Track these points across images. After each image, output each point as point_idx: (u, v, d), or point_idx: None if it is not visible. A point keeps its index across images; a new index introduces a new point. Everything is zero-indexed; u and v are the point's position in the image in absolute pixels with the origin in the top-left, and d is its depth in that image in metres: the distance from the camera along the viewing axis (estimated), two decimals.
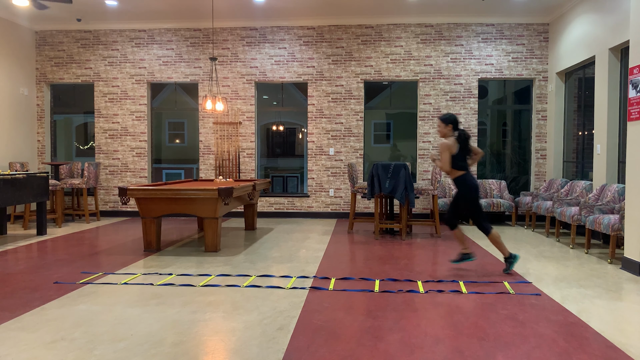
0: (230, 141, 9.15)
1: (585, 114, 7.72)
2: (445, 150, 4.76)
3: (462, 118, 8.84)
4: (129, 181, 9.33)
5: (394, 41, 8.91)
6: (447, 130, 4.88)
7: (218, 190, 5.55)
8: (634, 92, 4.99)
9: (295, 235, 7.14)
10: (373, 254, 5.80)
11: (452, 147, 4.75)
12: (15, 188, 6.60)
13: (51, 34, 9.35)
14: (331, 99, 9.01)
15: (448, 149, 4.75)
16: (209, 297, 3.98)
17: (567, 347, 2.96)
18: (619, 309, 3.74)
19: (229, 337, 3.13)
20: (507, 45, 8.78)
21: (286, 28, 9.05)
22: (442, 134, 4.92)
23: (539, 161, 8.82)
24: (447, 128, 4.88)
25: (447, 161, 4.76)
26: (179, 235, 7.14)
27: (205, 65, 9.16)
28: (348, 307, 3.73)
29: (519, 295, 4.08)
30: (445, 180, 8.77)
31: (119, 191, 5.74)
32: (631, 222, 4.97)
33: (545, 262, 5.38)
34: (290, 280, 4.52)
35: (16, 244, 6.41)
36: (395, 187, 6.77)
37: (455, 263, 5.02)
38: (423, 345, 2.99)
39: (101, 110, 9.32)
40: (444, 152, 4.77)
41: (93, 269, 4.98)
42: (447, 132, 4.88)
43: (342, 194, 9.08)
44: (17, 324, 3.32)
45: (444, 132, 4.90)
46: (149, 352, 2.87)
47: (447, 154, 4.75)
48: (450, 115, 4.92)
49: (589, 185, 6.82)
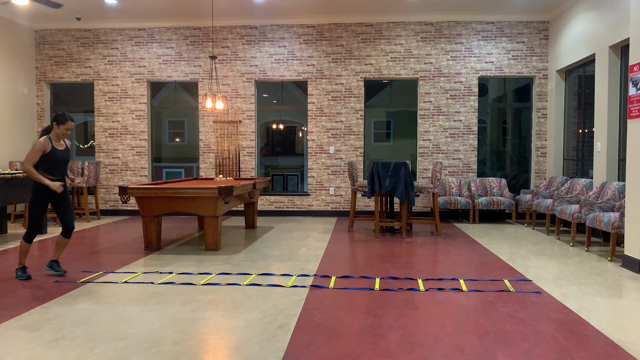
0: (230, 140, 9.15)
1: (586, 112, 7.72)
2: None
3: (462, 116, 8.84)
4: (129, 180, 9.33)
5: (393, 39, 8.90)
6: None
7: (218, 188, 5.55)
8: (634, 89, 4.98)
9: (295, 234, 7.14)
10: (373, 252, 5.80)
11: None
12: (16, 187, 6.60)
13: (51, 33, 9.34)
14: (331, 97, 9.01)
15: None
16: (210, 296, 3.98)
17: (567, 345, 2.96)
18: (619, 306, 3.74)
19: (229, 335, 3.13)
20: (507, 43, 8.77)
21: (286, 26, 9.04)
22: None
23: (539, 159, 8.82)
24: None
25: None
26: (179, 234, 7.14)
27: (205, 64, 9.16)
28: (348, 306, 3.73)
29: (519, 293, 4.08)
30: (446, 179, 8.77)
31: (119, 190, 5.74)
32: (631, 219, 4.97)
33: (545, 260, 5.38)
34: (290, 279, 4.52)
35: (16, 243, 6.41)
36: (395, 185, 6.77)
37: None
38: (423, 343, 3.00)
39: (101, 109, 9.32)
40: None
41: (93, 267, 4.99)
42: None
43: (343, 192, 9.08)
44: (17, 323, 3.33)
45: None
46: (149, 351, 2.87)
47: None
48: None
49: (589, 183, 6.82)
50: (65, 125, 4.50)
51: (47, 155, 4.46)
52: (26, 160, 4.40)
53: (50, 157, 4.47)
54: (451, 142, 8.87)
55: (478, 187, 8.65)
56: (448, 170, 8.90)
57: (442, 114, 8.87)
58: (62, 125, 4.50)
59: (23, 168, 4.38)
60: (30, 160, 4.39)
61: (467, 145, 8.86)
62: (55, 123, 4.51)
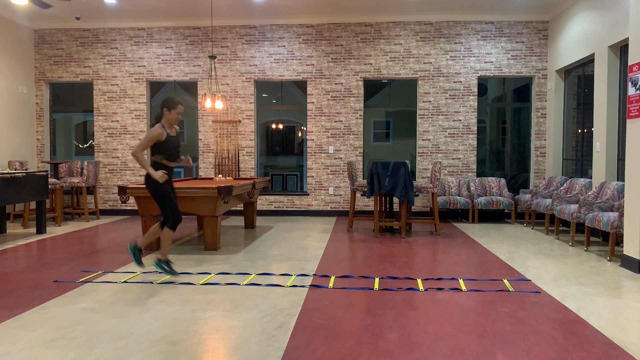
0: (229, 139, 9.15)
1: (585, 112, 7.72)
2: None
3: (462, 116, 8.84)
4: (129, 180, 9.32)
5: (393, 39, 8.90)
6: None
7: (218, 188, 5.55)
8: (634, 89, 4.98)
9: (294, 234, 7.14)
10: (373, 252, 5.80)
11: None
12: (15, 187, 6.60)
13: (50, 32, 9.33)
14: (330, 97, 9.00)
15: None
16: (209, 296, 3.98)
17: (567, 345, 2.97)
18: (619, 306, 3.74)
19: (228, 335, 3.13)
20: (506, 43, 8.77)
21: (285, 26, 9.04)
22: None
23: (539, 159, 8.83)
24: None
25: None
26: (178, 234, 7.13)
27: (204, 64, 9.15)
28: (348, 305, 3.73)
29: (519, 292, 4.08)
30: (445, 179, 8.77)
31: (119, 190, 5.73)
32: (630, 219, 4.97)
33: (544, 260, 5.38)
34: (290, 279, 4.52)
35: (16, 243, 6.40)
36: (394, 185, 6.77)
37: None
38: (423, 343, 3.00)
39: (100, 108, 9.31)
40: None
41: (93, 267, 4.98)
42: None
43: (342, 192, 9.08)
44: (16, 323, 3.32)
45: None
46: (148, 351, 2.87)
47: None
48: None
49: (588, 183, 6.82)
50: (176, 110, 4.45)
51: (163, 143, 4.40)
52: (137, 146, 4.33)
53: (166, 145, 4.42)
54: (450, 142, 8.87)
55: (477, 186, 8.65)
56: (447, 170, 8.90)
57: (442, 113, 8.87)
58: (174, 110, 4.44)
59: (132, 153, 4.31)
60: (141, 147, 4.33)
61: (466, 145, 8.86)
62: (165, 109, 4.44)
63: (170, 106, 4.44)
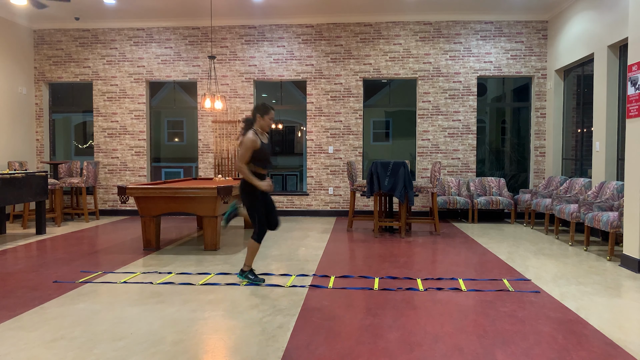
0: (229, 140, 9.14)
1: (584, 112, 7.72)
2: None
3: (461, 116, 8.84)
4: (128, 180, 9.32)
5: (392, 39, 8.90)
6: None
7: (217, 188, 5.55)
8: (633, 89, 4.99)
9: (294, 234, 7.14)
10: (372, 252, 5.80)
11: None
12: (14, 187, 6.59)
13: (49, 32, 9.33)
14: (330, 97, 9.00)
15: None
16: (209, 296, 3.98)
17: (566, 344, 2.97)
18: (618, 306, 3.75)
19: (228, 335, 3.13)
20: (506, 43, 8.77)
21: (285, 26, 9.03)
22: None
23: (538, 159, 8.83)
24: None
25: None
26: (178, 234, 7.13)
27: (204, 64, 9.15)
28: (347, 305, 3.73)
29: (518, 292, 4.08)
30: (444, 179, 8.78)
31: (118, 190, 5.73)
32: (630, 219, 4.98)
33: (544, 260, 5.38)
34: (289, 279, 4.52)
35: (15, 243, 6.40)
36: (394, 185, 6.77)
37: None
38: (422, 342, 3.00)
39: (100, 109, 9.31)
40: None
41: (92, 268, 4.98)
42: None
43: (342, 192, 9.08)
44: (16, 323, 3.32)
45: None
46: (148, 351, 2.87)
47: None
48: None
49: (588, 183, 6.82)
50: (269, 115, 4.28)
51: (257, 151, 4.21)
52: (239, 159, 4.19)
53: (260, 152, 4.23)
54: (450, 142, 8.88)
55: (477, 186, 8.66)
56: (447, 170, 8.91)
57: (441, 113, 8.87)
58: (266, 115, 4.28)
59: (236, 167, 4.12)
60: (244, 159, 4.18)
61: (466, 144, 8.86)
62: (258, 115, 4.28)
63: (263, 112, 4.28)
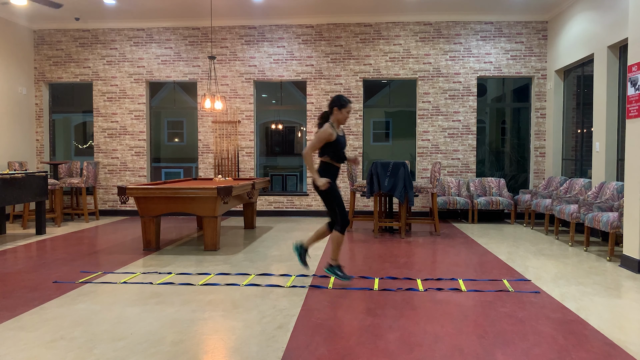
0: (229, 140, 9.14)
1: (584, 112, 7.72)
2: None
3: (461, 116, 8.85)
4: (128, 180, 9.32)
5: (392, 39, 8.90)
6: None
7: (217, 189, 5.55)
8: (633, 89, 4.99)
9: (294, 234, 7.14)
10: (372, 252, 5.80)
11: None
12: (14, 187, 6.59)
13: (49, 33, 9.33)
14: (330, 97, 9.00)
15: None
16: (209, 296, 3.98)
17: (566, 345, 2.97)
18: (618, 306, 3.75)
19: (228, 335, 3.13)
20: (505, 43, 8.77)
21: (285, 26, 9.04)
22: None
23: (538, 159, 8.83)
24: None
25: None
26: (178, 234, 7.13)
27: (204, 64, 9.15)
28: (347, 306, 3.73)
29: (518, 293, 4.08)
30: (444, 179, 8.77)
31: (118, 190, 5.73)
32: (630, 219, 4.98)
33: (544, 260, 5.38)
34: (289, 279, 4.52)
35: (15, 244, 6.40)
36: (394, 185, 6.77)
37: None
38: (422, 343, 3.00)
39: (100, 109, 9.31)
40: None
41: (92, 268, 4.98)
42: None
43: (341, 192, 9.06)
44: (16, 324, 3.32)
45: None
46: (148, 351, 2.87)
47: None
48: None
49: (587, 183, 6.82)
50: (346, 108, 4.27)
51: (332, 144, 4.23)
52: (308, 147, 4.23)
53: (335, 145, 4.25)
54: (450, 142, 8.88)
55: (477, 187, 8.66)
56: (447, 170, 8.91)
57: (441, 114, 8.87)
58: (344, 109, 4.26)
59: (303, 154, 4.21)
60: (313, 148, 4.23)
61: (466, 145, 8.86)
62: (336, 108, 4.26)
63: (341, 104, 4.26)
